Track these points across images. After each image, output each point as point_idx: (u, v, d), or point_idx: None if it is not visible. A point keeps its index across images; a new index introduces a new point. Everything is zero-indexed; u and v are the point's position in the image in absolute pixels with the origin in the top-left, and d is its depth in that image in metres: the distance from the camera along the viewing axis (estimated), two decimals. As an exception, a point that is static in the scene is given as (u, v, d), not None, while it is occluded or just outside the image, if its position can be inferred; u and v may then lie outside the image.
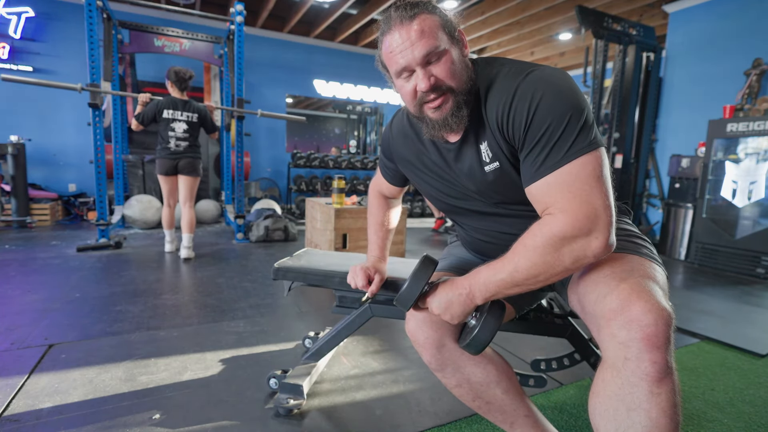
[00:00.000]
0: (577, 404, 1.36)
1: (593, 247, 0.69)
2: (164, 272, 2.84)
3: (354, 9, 5.66)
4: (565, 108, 0.71)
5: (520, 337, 1.76)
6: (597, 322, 0.70)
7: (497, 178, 0.83)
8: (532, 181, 0.75)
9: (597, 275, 0.75)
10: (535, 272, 0.72)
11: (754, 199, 3.43)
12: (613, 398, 0.67)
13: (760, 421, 1.30)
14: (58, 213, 4.95)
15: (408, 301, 0.85)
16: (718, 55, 4.32)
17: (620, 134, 4.40)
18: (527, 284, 0.73)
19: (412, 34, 0.75)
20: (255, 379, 1.44)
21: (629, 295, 0.67)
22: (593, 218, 0.68)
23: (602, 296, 0.70)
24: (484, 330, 0.79)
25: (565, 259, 0.70)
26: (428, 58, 0.76)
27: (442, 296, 0.81)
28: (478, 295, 0.78)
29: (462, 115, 0.79)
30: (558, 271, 0.71)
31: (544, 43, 6.41)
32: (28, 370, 1.45)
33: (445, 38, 0.77)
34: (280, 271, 1.33)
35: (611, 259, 0.76)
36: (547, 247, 0.70)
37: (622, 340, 0.65)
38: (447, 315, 0.81)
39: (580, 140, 0.71)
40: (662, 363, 0.65)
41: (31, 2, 4.90)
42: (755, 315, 2.43)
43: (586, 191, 0.69)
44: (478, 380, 0.88)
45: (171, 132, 3.16)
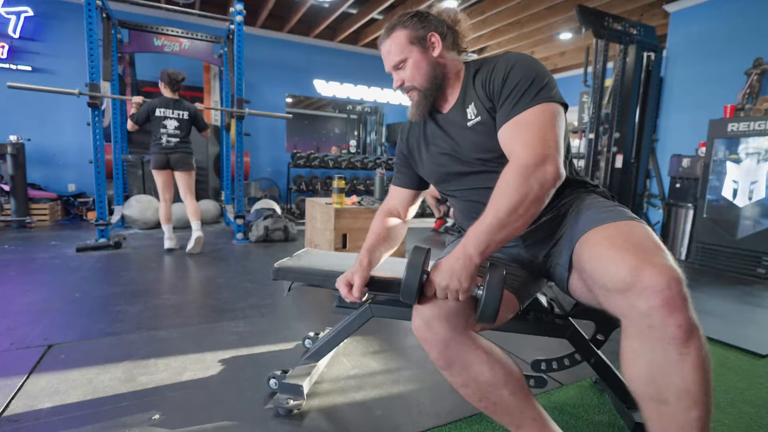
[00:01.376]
0: (577, 404, 1.35)
1: (550, 171, 0.84)
2: (164, 272, 2.84)
3: (354, 8, 5.66)
4: (532, 71, 0.92)
5: (521, 337, 1.75)
6: (612, 296, 0.75)
7: (477, 131, 1.00)
8: (504, 122, 0.92)
9: (598, 250, 0.81)
10: (514, 206, 0.82)
11: (754, 199, 3.43)
12: (647, 366, 0.73)
13: (761, 422, 1.30)
14: (58, 213, 4.95)
15: (411, 292, 0.86)
16: (718, 55, 4.32)
17: (621, 134, 4.39)
18: (511, 222, 0.83)
19: (386, 49, 1.05)
20: (255, 380, 1.43)
21: (637, 263, 0.71)
22: (546, 149, 0.85)
23: (610, 269, 0.75)
24: (490, 293, 0.82)
25: (534, 186, 0.83)
26: (396, 66, 1.04)
27: (443, 268, 0.85)
28: (474, 251, 0.83)
29: (423, 105, 1.05)
30: (531, 198, 0.83)
31: (544, 42, 6.41)
32: (28, 371, 1.45)
33: (410, 48, 1.02)
34: (280, 271, 1.33)
35: (604, 231, 0.84)
36: (517, 178, 0.84)
37: (643, 310, 0.70)
38: (454, 282, 0.83)
39: (543, 93, 0.90)
40: (686, 323, 0.69)
41: (30, 2, 4.89)
42: (756, 315, 2.42)
43: (542, 130, 0.87)
44: (485, 380, 0.87)
45: (162, 129, 3.30)
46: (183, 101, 3.40)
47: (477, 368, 0.87)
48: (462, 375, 0.88)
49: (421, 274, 0.85)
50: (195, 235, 3.37)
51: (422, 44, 1.02)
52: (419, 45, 1.02)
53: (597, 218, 0.88)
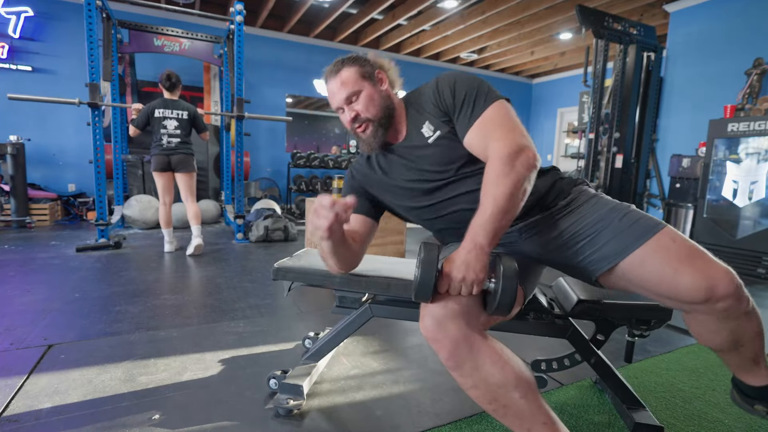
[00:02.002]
0: (577, 404, 1.35)
1: (530, 156, 0.91)
2: (164, 272, 2.84)
3: (354, 8, 5.66)
4: (473, 80, 1.02)
5: (521, 337, 1.75)
6: (684, 305, 0.89)
7: (440, 145, 1.05)
8: (467, 130, 0.99)
9: (657, 267, 0.89)
10: (510, 191, 0.88)
11: (754, 199, 3.43)
12: (729, 334, 0.90)
13: (761, 422, 1.30)
14: (58, 213, 4.95)
15: (427, 289, 0.85)
16: (718, 55, 4.32)
17: (621, 134, 4.39)
18: (511, 207, 0.88)
19: (337, 85, 1.10)
20: (255, 380, 1.43)
21: (706, 279, 0.84)
22: (519, 137, 0.93)
23: (680, 285, 0.85)
24: (506, 285, 0.83)
25: (521, 170, 0.89)
26: (349, 99, 1.08)
27: (458, 262, 0.86)
28: (483, 241, 0.86)
29: (379, 134, 1.09)
30: (522, 181, 0.89)
31: (544, 42, 6.40)
32: (28, 371, 1.45)
33: (362, 82, 1.09)
34: (280, 272, 1.33)
35: (655, 244, 0.90)
36: (504, 168, 0.89)
37: (721, 308, 0.85)
38: (471, 274, 0.85)
39: (491, 95, 1.00)
40: (748, 300, 0.87)
41: (30, 2, 4.89)
42: (756, 315, 2.42)
43: (507, 123, 0.96)
44: (495, 381, 0.86)
45: (163, 129, 3.27)
46: (181, 101, 3.38)
47: (488, 369, 0.86)
48: (472, 376, 0.87)
49: (435, 272, 0.84)
50: (194, 242, 3.34)
51: (372, 79, 1.10)
52: (370, 79, 1.10)
53: (636, 228, 0.93)
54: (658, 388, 1.49)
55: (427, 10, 5.44)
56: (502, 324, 1.19)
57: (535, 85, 8.63)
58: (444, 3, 5.14)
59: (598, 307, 1.14)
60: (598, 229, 0.96)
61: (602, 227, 0.96)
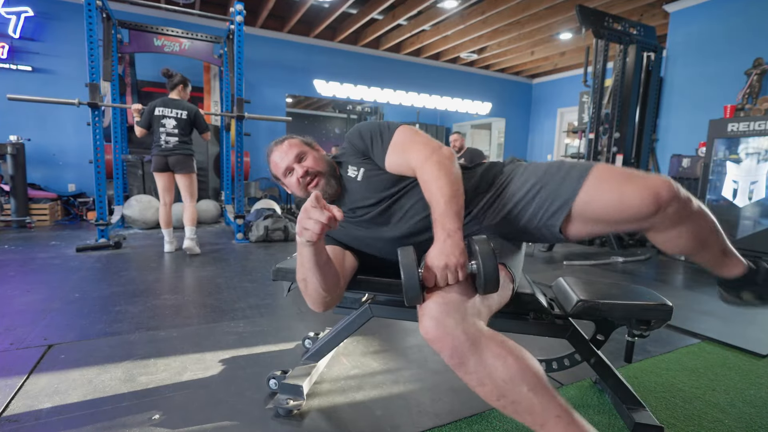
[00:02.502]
0: (578, 404, 1.35)
1: (445, 151, 1.05)
2: (164, 272, 2.84)
3: (354, 8, 5.66)
4: (374, 125, 1.19)
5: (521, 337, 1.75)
6: (641, 222, 0.95)
7: (366, 177, 1.19)
8: (384, 156, 1.14)
9: (607, 196, 0.96)
10: (448, 179, 0.99)
11: (754, 199, 3.43)
12: (694, 236, 0.99)
13: (761, 422, 1.30)
14: (58, 213, 4.95)
15: (414, 290, 0.88)
16: (718, 55, 4.32)
17: (621, 134, 4.39)
18: (456, 190, 0.99)
19: (284, 150, 1.23)
20: (255, 380, 1.43)
21: (649, 192, 0.91)
22: (429, 143, 1.08)
23: (632, 204, 0.93)
24: (485, 261, 0.87)
25: (445, 163, 1.02)
26: (298, 157, 1.21)
27: (436, 253, 0.92)
28: (452, 225, 0.94)
29: (332, 183, 1.21)
30: (450, 168, 1.01)
31: (544, 42, 6.41)
32: (28, 371, 1.45)
33: (305, 147, 1.25)
34: (280, 272, 1.33)
35: (596, 180, 0.99)
36: (431, 168, 1.02)
37: (671, 213, 0.93)
38: (451, 259, 0.90)
39: (392, 127, 1.16)
40: (693, 198, 0.96)
41: (30, 2, 4.89)
42: (756, 315, 2.42)
43: (417, 139, 1.11)
44: (500, 376, 0.84)
45: (161, 128, 3.25)
46: (182, 101, 3.36)
47: (491, 363, 0.84)
48: (477, 372, 0.85)
49: (417, 269, 0.88)
50: (185, 243, 3.33)
51: (312, 147, 1.28)
52: (311, 147, 1.27)
53: (573, 174, 1.02)
54: (658, 388, 1.49)
55: (427, 10, 5.44)
56: (503, 324, 1.19)
57: (535, 85, 8.63)
58: (444, 3, 5.14)
59: (598, 307, 1.13)
60: (541, 187, 1.05)
61: (543, 184, 1.05)
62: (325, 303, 1.09)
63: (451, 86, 7.72)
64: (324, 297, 1.05)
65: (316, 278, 1.00)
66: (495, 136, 8.53)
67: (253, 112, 5.34)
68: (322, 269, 1.00)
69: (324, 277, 1.01)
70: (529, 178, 1.08)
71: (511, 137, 8.51)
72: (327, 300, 1.08)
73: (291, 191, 1.27)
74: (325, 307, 1.10)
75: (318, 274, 0.99)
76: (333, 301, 1.10)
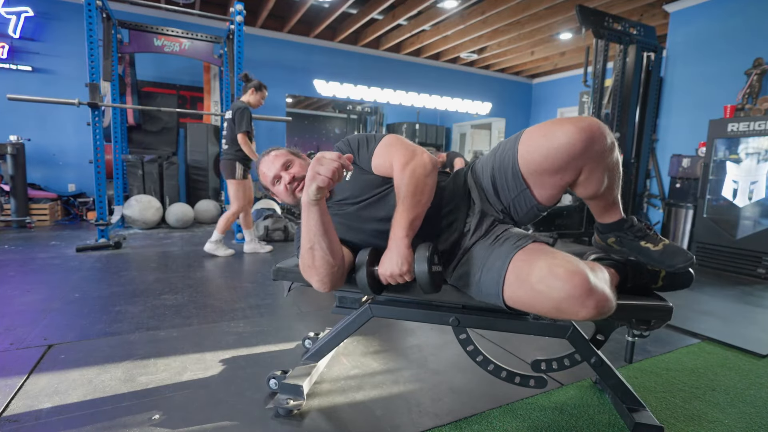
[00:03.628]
0: (577, 404, 1.35)
1: (424, 158, 1.12)
2: (164, 272, 2.84)
3: (354, 8, 5.65)
4: (362, 135, 1.28)
5: (521, 337, 1.75)
6: (570, 158, 0.99)
7: (354, 179, 1.25)
8: (370, 159, 1.22)
9: (534, 147, 1.06)
10: (411, 190, 1.06)
11: (755, 199, 3.43)
12: (602, 173, 1.05)
13: (761, 422, 1.30)
14: (58, 213, 4.94)
15: (367, 290, 1.09)
16: (718, 55, 4.32)
17: (621, 134, 4.39)
18: (417, 201, 1.06)
19: (271, 160, 1.29)
20: (255, 380, 1.43)
21: (569, 124, 0.99)
22: (410, 148, 1.15)
23: (551, 142, 1.01)
24: (419, 264, 1.02)
25: (417, 170, 1.09)
26: (285, 165, 1.27)
27: (384, 263, 1.06)
28: (400, 233, 1.05)
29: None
30: (419, 178, 1.08)
31: (544, 42, 6.40)
32: (28, 371, 1.45)
33: (292, 156, 1.31)
34: (280, 272, 1.33)
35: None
36: (402, 175, 1.09)
37: (601, 149, 1.00)
38: (395, 268, 1.04)
39: (379, 135, 1.25)
40: (609, 135, 1.01)
41: (30, 2, 4.89)
42: (756, 315, 2.42)
43: (400, 144, 1.17)
44: None
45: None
46: (237, 101, 3.31)
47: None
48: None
49: (369, 272, 1.06)
50: (208, 247, 3.35)
51: (298, 155, 1.33)
52: (296, 155, 1.32)
53: (510, 140, 1.16)
54: (658, 388, 1.49)
55: (427, 10, 5.44)
56: (503, 324, 1.19)
57: (535, 85, 8.63)
58: (444, 3, 5.14)
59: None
60: (494, 168, 1.15)
61: (495, 164, 1.15)
62: (332, 274, 1.08)
63: (451, 86, 7.72)
64: (332, 265, 1.06)
65: (324, 242, 1.03)
66: (495, 136, 8.52)
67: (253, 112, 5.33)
68: (328, 232, 1.04)
69: (330, 241, 1.05)
70: (485, 166, 1.18)
71: (511, 137, 8.51)
72: (334, 270, 1.07)
73: (281, 199, 1.32)
74: (332, 281, 1.09)
75: (325, 237, 1.03)
76: (338, 275, 1.09)
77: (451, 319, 1.21)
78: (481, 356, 1.27)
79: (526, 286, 0.95)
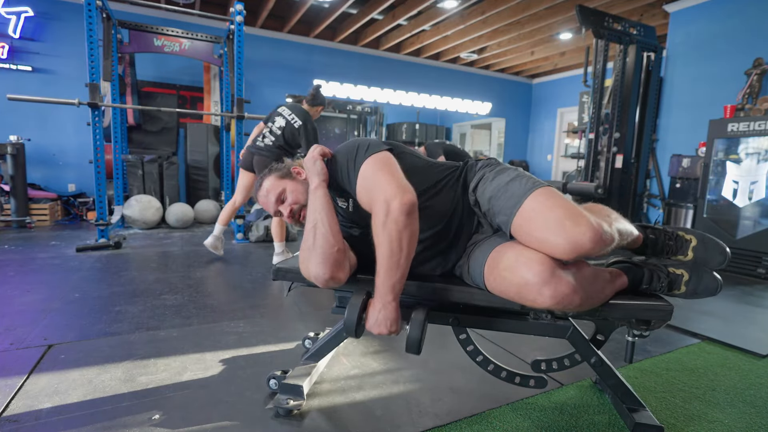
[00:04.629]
0: (577, 404, 1.35)
1: (397, 206, 1.00)
2: (164, 272, 2.84)
3: (354, 8, 5.65)
4: (352, 146, 1.17)
5: (521, 337, 1.75)
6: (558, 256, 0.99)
7: (356, 208, 1.20)
8: (354, 188, 1.13)
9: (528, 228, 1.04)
10: (388, 251, 1.01)
11: (755, 199, 3.43)
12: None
13: (761, 422, 1.30)
14: (58, 213, 4.94)
15: (351, 330, 1.08)
16: (718, 55, 4.32)
17: (621, 134, 4.39)
18: (396, 260, 1.01)
19: (264, 194, 1.28)
20: (255, 380, 1.43)
21: (565, 239, 0.98)
22: (385, 193, 1.02)
23: (543, 243, 1.00)
24: (413, 330, 1.07)
25: (391, 228, 1.00)
26: (279, 199, 1.26)
27: (371, 321, 1.07)
28: (388, 297, 1.04)
29: None
30: (396, 237, 1.00)
31: (544, 42, 6.40)
32: (28, 371, 1.45)
33: (282, 182, 1.27)
34: (280, 272, 1.33)
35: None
36: (378, 230, 1.02)
37: (596, 253, 1.00)
38: (383, 330, 1.05)
39: (363, 154, 1.12)
40: (611, 241, 1.02)
41: (30, 2, 4.89)
42: (756, 315, 2.42)
43: (376, 181, 1.06)
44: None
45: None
46: (301, 107, 3.08)
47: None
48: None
49: (359, 317, 1.07)
50: (209, 242, 3.18)
51: (290, 176, 1.29)
52: (288, 177, 1.28)
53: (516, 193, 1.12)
54: (658, 388, 1.49)
55: (427, 10, 5.44)
56: (503, 324, 1.19)
57: (535, 85, 8.63)
58: (444, 3, 5.14)
59: (598, 307, 1.13)
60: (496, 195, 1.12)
61: (497, 195, 1.12)
62: (332, 255, 1.07)
63: (451, 86, 7.72)
64: (331, 245, 1.07)
65: (327, 221, 1.09)
66: (495, 136, 8.52)
67: (253, 112, 5.33)
68: (330, 213, 1.11)
69: (332, 222, 1.10)
70: (485, 198, 1.15)
71: (511, 137, 8.51)
72: (334, 251, 1.07)
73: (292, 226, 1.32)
74: (331, 264, 1.06)
75: (328, 216, 1.09)
76: (338, 258, 1.08)
77: (451, 319, 1.21)
78: (481, 356, 1.27)
79: (495, 273, 1.04)
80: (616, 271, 1.13)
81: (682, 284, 1.14)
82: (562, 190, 4.26)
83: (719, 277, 1.14)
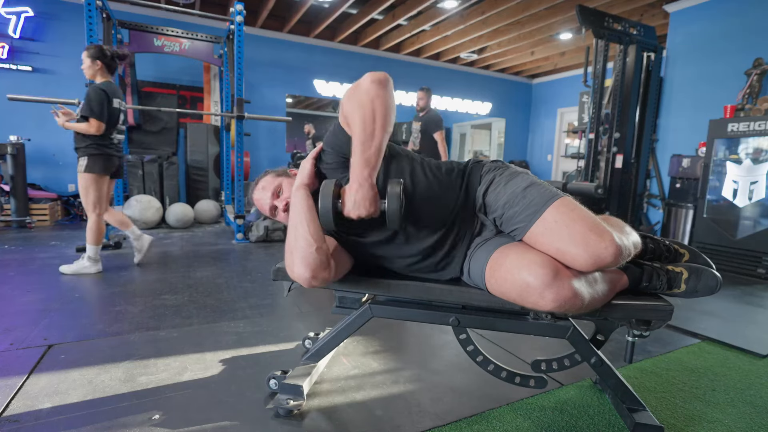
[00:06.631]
0: (577, 404, 1.35)
1: (367, 78, 1.01)
2: (164, 272, 2.84)
3: (354, 8, 5.65)
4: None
5: (521, 337, 1.75)
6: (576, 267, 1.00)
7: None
8: (341, 126, 1.12)
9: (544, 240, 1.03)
10: (364, 116, 0.99)
11: (754, 199, 3.43)
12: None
13: (761, 422, 1.30)
14: (58, 213, 4.94)
15: (328, 220, 1.03)
16: (718, 55, 4.32)
17: (621, 134, 4.39)
18: (370, 132, 0.99)
19: (259, 192, 1.30)
20: (255, 380, 1.43)
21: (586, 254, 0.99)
22: (365, 82, 1.02)
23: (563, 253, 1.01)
24: (392, 203, 1.00)
25: (363, 90, 1.01)
26: (275, 193, 1.27)
27: (349, 204, 1.02)
28: (365, 173, 1.01)
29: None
30: (368, 97, 0.99)
31: (544, 42, 6.40)
32: (28, 371, 1.45)
33: (279, 179, 1.29)
34: (281, 272, 1.33)
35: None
36: (353, 101, 1.02)
37: (614, 265, 1.02)
38: (362, 211, 1.01)
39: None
40: (627, 256, 1.04)
41: (30, 2, 4.89)
42: (756, 315, 2.42)
43: (351, 94, 1.05)
44: None
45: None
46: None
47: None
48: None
49: (334, 203, 1.02)
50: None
51: (287, 174, 1.32)
52: (284, 175, 1.32)
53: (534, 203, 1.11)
54: (658, 388, 1.49)
55: (427, 10, 5.44)
56: (503, 324, 1.19)
57: (535, 85, 8.63)
58: (444, 3, 5.14)
59: (599, 308, 1.13)
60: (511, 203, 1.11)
61: (513, 202, 1.10)
62: (312, 254, 1.04)
63: (451, 86, 7.72)
64: (310, 244, 1.04)
65: (306, 221, 1.07)
66: (495, 136, 8.52)
67: (253, 112, 5.34)
68: (310, 213, 1.09)
69: (311, 221, 1.08)
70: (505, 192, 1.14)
71: (511, 137, 8.51)
72: (312, 250, 1.04)
73: (287, 224, 1.26)
74: (313, 265, 1.04)
75: (307, 216, 1.08)
76: (319, 258, 1.05)
77: (451, 319, 1.21)
78: (481, 356, 1.27)
79: (497, 275, 1.03)
80: (616, 271, 1.13)
81: (681, 282, 1.15)
82: (562, 190, 4.26)
83: (719, 275, 1.14)
